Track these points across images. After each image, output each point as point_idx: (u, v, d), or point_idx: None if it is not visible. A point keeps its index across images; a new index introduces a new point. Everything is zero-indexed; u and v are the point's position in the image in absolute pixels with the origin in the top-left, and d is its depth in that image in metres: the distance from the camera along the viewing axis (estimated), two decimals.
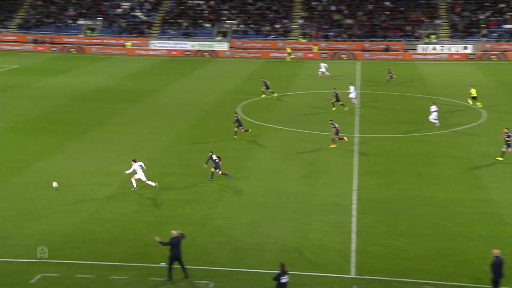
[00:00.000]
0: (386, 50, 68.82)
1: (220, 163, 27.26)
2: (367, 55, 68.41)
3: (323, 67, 55.50)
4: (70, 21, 76.25)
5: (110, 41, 72.88)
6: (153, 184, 26.00)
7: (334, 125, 32.38)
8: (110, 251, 20.72)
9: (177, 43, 71.89)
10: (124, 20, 76.47)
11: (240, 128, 33.90)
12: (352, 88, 43.17)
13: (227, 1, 78.59)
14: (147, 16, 77.42)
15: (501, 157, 30.24)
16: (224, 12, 76.85)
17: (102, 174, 28.34)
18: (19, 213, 23.58)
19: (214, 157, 27.18)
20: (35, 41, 72.63)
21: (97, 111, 40.94)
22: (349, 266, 19.91)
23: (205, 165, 27.46)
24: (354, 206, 24.54)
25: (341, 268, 19.74)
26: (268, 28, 73.93)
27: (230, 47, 71.59)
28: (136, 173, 25.92)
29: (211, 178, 27.32)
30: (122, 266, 19.71)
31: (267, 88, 45.76)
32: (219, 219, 23.37)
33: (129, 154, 30.00)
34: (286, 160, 30.71)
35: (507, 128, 30.41)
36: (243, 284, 18.91)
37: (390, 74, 52.48)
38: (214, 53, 70.51)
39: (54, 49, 71.56)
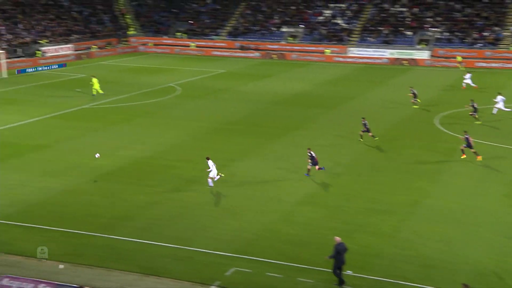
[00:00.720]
0: None
1: (317, 159, 28.20)
2: None
3: (468, 77, 51.43)
4: (274, 29, 79.51)
5: (310, 48, 74.54)
6: (211, 184, 26.80)
7: (467, 138, 30.69)
8: (299, 253, 21.01)
9: (376, 51, 71.07)
10: (324, 28, 77.69)
11: (366, 132, 34.22)
12: (499, 98, 40.62)
13: (432, 8, 75.72)
14: (347, 23, 77.75)
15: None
16: (428, 19, 74.13)
17: (294, 176, 28.96)
18: (217, 209, 24.98)
19: (312, 153, 28.30)
20: (241, 48, 77.07)
21: (294, 115, 42.01)
22: None
23: (309, 161, 28.28)
24: None
25: None
26: (475, 36, 69.66)
27: (431, 55, 68.82)
28: (211, 170, 26.80)
29: (308, 174, 28.47)
30: (309, 269, 19.90)
31: (415, 97, 44.54)
32: (409, 233, 22.55)
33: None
34: (485, 176, 28.70)
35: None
36: None
37: None
38: (413, 62, 68.38)
39: (257, 55, 75.28)
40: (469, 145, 30.81)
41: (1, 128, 37.33)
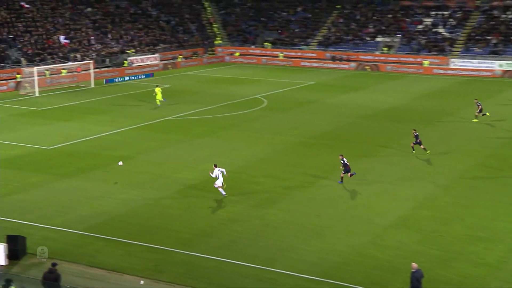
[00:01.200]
0: None
1: (349, 166, 29.46)
2: None
3: None
4: (368, 38, 78.61)
5: (406, 59, 73.04)
6: (223, 193, 27.57)
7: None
8: (389, 280, 20.44)
9: (482, 62, 68.50)
10: (424, 37, 75.88)
11: (417, 144, 34.71)
12: None
13: None
14: (450, 32, 75.53)
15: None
16: None
17: (386, 197, 28.35)
18: (303, 229, 24.80)
19: (345, 160, 29.61)
20: (332, 58, 76.74)
21: (385, 131, 41.24)
22: None
23: (341, 168, 29.77)
24: None
25: None
26: None
27: None
28: (217, 178, 27.43)
29: (341, 181, 29.81)
30: None
31: (480, 111, 43.46)
32: None
33: (413, 180, 29.38)
34: None
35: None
36: None
37: None
38: None
39: (350, 66, 74.67)
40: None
41: (86, 138, 39.09)
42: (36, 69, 56.21)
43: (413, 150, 35.15)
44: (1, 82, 56.96)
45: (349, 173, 29.64)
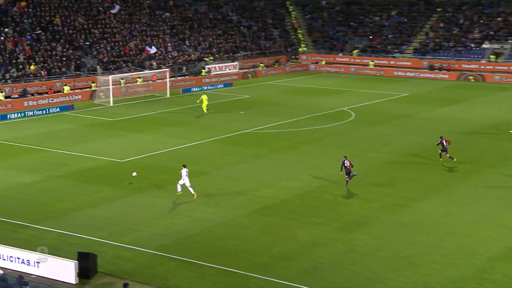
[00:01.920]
0: None
1: (351, 168, 32.09)
2: None
3: None
4: (473, 45, 76.40)
5: None
6: (192, 192, 30.68)
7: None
8: None
9: None
10: None
11: (444, 152, 36.39)
12: None
13: None
14: None
15: None
16: None
17: (490, 224, 27.29)
18: (394, 256, 24.20)
19: (347, 163, 32.06)
20: (430, 67, 75.11)
21: (491, 149, 39.92)
22: None
23: (340, 172, 32.64)
24: None
25: None
26: None
27: None
28: (183, 180, 30.43)
29: (346, 184, 32.30)
30: None
31: None
32: None
33: None
34: None
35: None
36: None
37: None
38: None
39: (450, 76, 72.82)
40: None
41: (160, 151, 40.01)
42: (111, 77, 58.24)
43: (440, 158, 36.95)
44: (76, 91, 59.36)
45: (349, 176, 32.10)
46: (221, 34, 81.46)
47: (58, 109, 53.71)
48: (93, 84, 60.64)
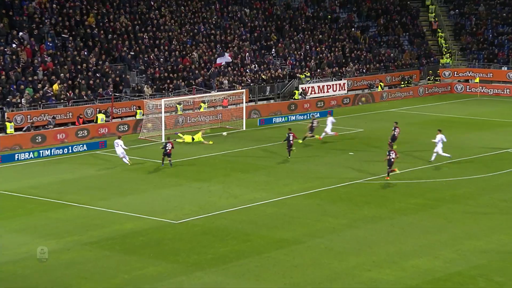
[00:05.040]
0: None
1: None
2: None
3: None
4: None
5: None
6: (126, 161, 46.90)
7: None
8: None
9: None
10: None
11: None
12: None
13: None
14: None
15: None
16: None
17: None
18: None
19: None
20: None
21: None
22: None
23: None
24: None
25: None
26: None
27: None
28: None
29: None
30: None
31: None
32: None
33: None
34: None
35: None
36: None
37: None
38: None
39: None
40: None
41: (230, 209, 40.25)
42: (164, 101, 59.35)
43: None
44: (114, 120, 60.88)
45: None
46: (323, 39, 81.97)
47: (85, 147, 55.15)
48: (138, 111, 62.02)
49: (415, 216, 39.11)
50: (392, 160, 44.93)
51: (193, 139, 54.19)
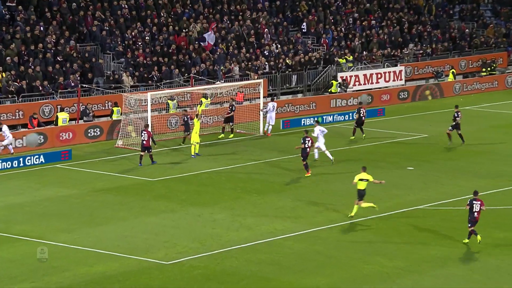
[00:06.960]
0: None
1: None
2: None
3: None
4: None
5: None
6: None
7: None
8: None
9: None
10: None
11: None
12: None
13: None
14: None
15: None
16: None
17: None
18: None
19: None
20: None
21: None
22: None
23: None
24: None
25: None
26: None
27: None
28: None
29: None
30: None
31: None
32: None
33: None
34: None
35: None
36: None
37: None
38: None
39: None
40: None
41: (242, 245, 40.20)
42: (151, 95, 59.24)
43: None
44: (81, 122, 60.90)
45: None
46: (371, 9, 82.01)
47: (42, 159, 55.00)
48: (115, 109, 62.02)
49: (504, 257, 38.94)
50: (308, 150, 46.04)
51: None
